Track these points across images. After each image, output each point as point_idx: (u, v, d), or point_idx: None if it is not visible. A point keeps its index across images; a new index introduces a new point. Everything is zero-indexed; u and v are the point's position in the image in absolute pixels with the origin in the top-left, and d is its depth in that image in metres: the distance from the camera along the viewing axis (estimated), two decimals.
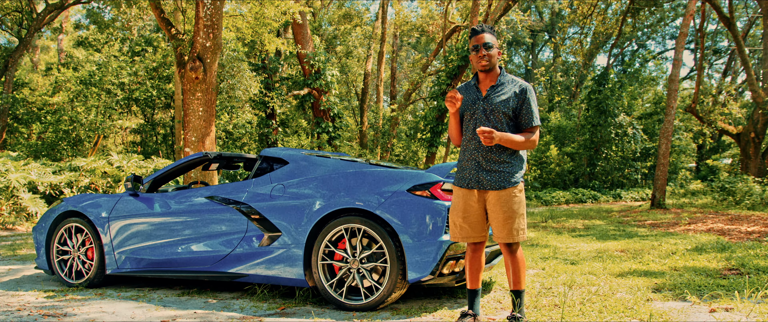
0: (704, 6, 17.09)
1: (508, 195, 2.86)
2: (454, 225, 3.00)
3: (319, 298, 3.90)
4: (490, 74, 2.98)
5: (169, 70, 16.48)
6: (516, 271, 2.93)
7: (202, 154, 4.69)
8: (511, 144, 2.84)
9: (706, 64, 28.14)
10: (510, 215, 2.85)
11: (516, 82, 2.96)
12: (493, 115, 2.90)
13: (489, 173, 2.89)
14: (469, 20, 13.45)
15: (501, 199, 2.87)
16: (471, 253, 3.02)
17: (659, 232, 7.86)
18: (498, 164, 2.88)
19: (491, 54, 2.92)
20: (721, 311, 3.27)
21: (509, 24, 24.69)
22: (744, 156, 16.66)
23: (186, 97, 8.51)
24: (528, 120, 2.91)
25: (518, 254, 2.93)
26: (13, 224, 9.93)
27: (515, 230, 2.85)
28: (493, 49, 2.93)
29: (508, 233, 2.85)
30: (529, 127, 2.92)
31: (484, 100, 2.94)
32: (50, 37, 27.97)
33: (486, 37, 2.92)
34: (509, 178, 2.88)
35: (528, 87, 2.93)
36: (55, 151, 15.47)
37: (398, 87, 27.26)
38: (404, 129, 22.73)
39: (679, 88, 16.82)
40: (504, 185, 2.87)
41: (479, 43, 2.92)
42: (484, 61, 2.92)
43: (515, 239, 2.86)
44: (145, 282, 4.79)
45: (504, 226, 2.85)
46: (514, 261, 2.92)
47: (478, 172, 2.91)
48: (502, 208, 2.86)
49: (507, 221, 2.85)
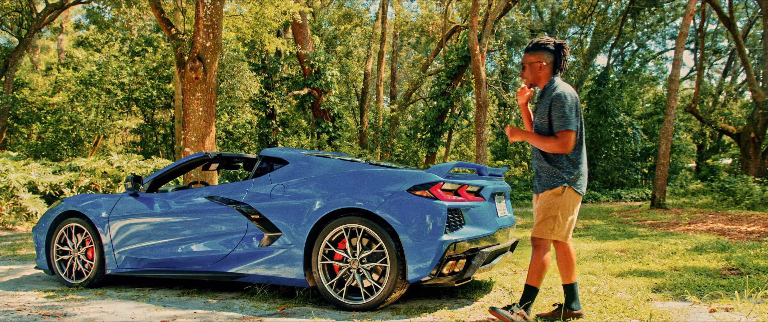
0: (704, 6, 17.09)
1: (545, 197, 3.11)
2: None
3: (319, 298, 3.90)
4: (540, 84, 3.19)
5: (169, 70, 16.48)
6: (534, 268, 3.11)
7: (202, 155, 4.69)
8: (537, 143, 3.07)
9: (706, 64, 28.13)
10: (545, 215, 3.09)
11: (553, 90, 3.11)
12: (538, 120, 3.17)
13: (538, 178, 3.18)
14: (469, 20, 13.44)
15: (541, 200, 3.13)
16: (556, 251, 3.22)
17: (659, 232, 7.86)
18: (541, 169, 3.15)
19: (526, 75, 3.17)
20: (721, 311, 3.27)
21: (509, 24, 24.69)
22: (744, 156, 16.65)
23: (186, 97, 8.51)
24: (556, 125, 3.10)
25: (540, 254, 3.11)
26: (13, 224, 9.93)
27: (543, 227, 3.09)
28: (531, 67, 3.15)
29: (536, 228, 3.12)
30: (557, 131, 3.10)
31: (535, 108, 3.21)
32: (50, 37, 27.97)
33: (528, 57, 3.15)
34: (548, 181, 3.11)
35: (558, 95, 3.07)
36: (55, 152, 15.47)
37: (398, 87, 27.26)
38: (404, 129, 22.73)
39: (679, 88, 16.82)
40: (543, 188, 3.13)
41: (524, 63, 3.19)
42: (525, 80, 3.20)
43: (540, 235, 3.10)
44: (145, 282, 4.79)
45: (537, 223, 3.12)
46: (536, 258, 3.12)
47: (535, 177, 3.21)
48: (540, 208, 3.11)
49: (537, 218, 3.12)
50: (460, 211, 3.51)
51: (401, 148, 20.87)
